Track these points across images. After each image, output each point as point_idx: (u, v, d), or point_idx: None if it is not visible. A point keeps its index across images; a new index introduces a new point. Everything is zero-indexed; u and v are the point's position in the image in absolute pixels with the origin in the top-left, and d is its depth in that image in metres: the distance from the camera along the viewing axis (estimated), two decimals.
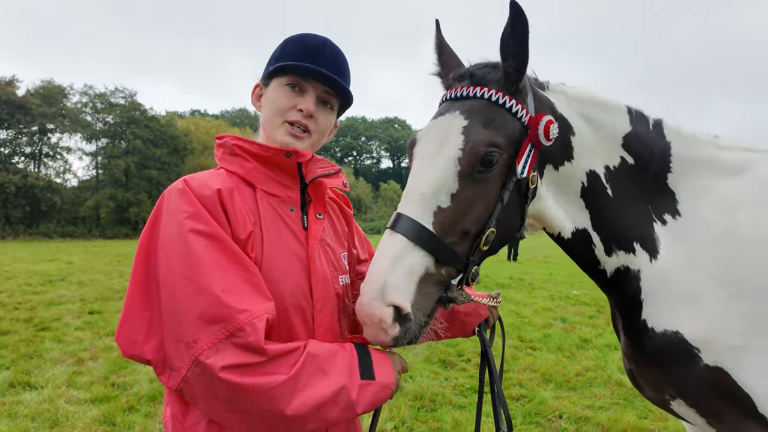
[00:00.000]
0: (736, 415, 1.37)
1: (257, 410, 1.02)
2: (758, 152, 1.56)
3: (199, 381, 1.01)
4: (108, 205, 39.74)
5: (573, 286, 11.51)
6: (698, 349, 1.39)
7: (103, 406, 4.11)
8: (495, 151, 1.25)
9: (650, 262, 1.52)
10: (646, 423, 3.89)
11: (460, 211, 1.25)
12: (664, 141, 1.58)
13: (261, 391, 1.00)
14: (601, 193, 1.53)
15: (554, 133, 1.34)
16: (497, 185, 1.30)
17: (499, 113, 1.30)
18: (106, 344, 6.00)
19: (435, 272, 1.22)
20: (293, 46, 1.32)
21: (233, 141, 1.29)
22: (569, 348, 6.22)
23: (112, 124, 43.53)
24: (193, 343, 1.00)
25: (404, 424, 3.86)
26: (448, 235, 1.23)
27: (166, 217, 1.13)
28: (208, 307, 1.02)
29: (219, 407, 1.03)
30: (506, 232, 1.36)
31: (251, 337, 1.01)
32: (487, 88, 1.32)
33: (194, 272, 1.04)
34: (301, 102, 1.30)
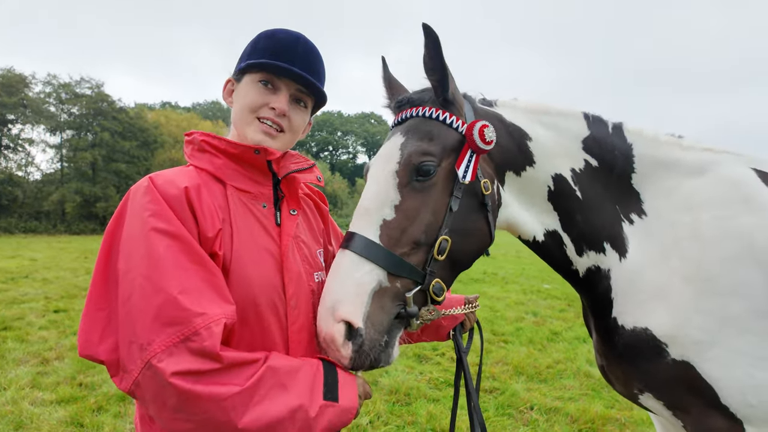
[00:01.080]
0: (701, 407, 1.44)
1: (208, 421, 0.97)
2: (719, 153, 1.63)
3: (150, 385, 0.97)
4: (74, 199, 38.30)
5: (544, 281, 11.78)
6: (666, 344, 1.45)
7: (70, 407, 3.99)
8: (429, 159, 1.32)
9: (620, 261, 1.57)
10: (613, 412, 4.03)
11: (406, 221, 1.28)
12: (625, 143, 1.63)
13: (213, 400, 0.96)
14: (570, 195, 1.57)
15: (490, 136, 1.37)
16: (442, 193, 1.33)
17: (433, 125, 1.38)
18: (72, 343, 5.82)
19: (389, 285, 1.23)
20: (266, 42, 1.30)
21: (201, 137, 1.27)
22: (540, 341, 6.37)
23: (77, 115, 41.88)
24: (146, 345, 0.97)
25: (379, 419, 3.89)
26: (397, 246, 1.26)
27: (130, 214, 1.10)
28: (163, 308, 0.98)
29: (168, 415, 0.98)
30: (470, 242, 1.38)
31: (207, 341, 0.97)
32: (420, 107, 1.41)
33: (153, 271, 1.01)
34: (273, 100, 1.28)
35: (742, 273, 1.40)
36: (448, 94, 1.40)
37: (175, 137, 45.83)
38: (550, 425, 3.84)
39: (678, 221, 1.53)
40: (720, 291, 1.41)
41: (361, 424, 3.77)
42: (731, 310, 1.39)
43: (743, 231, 1.44)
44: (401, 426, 3.80)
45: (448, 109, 1.40)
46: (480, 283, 11.86)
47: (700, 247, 1.46)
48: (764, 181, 1.54)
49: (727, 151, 1.64)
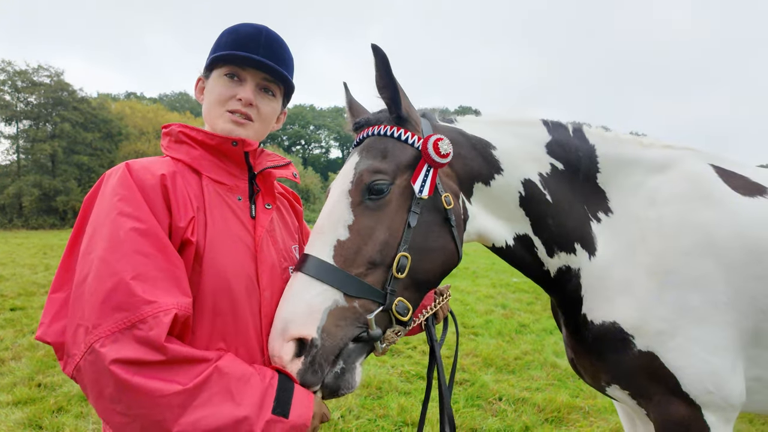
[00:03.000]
0: (663, 394, 1.50)
1: (142, 417, 0.93)
2: (678, 149, 1.69)
3: (89, 371, 0.94)
4: (32, 192, 36.54)
5: (513, 274, 12.02)
6: (632, 335, 1.50)
7: (28, 409, 3.83)
8: (380, 177, 1.31)
9: (589, 259, 1.62)
10: (578, 401, 4.16)
11: (361, 240, 1.26)
12: (587, 144, 1.68)
13: (150, 395, 0.92)
14: (540, 199, 1.60)
15: (446, 149, 1.36)
16: (399, 210, 1.32)
17: (387, 143, 1.38)
18: (30, 342, 5.58)
19: (347, 306, 1.20)
20: (228, 36, 1.32)
21: (179, 128, 1.28)
22: (509, 333, 6.51)
23: (35, 105, 39.95)
24: (92, 328, 0.95)
25: (351, 413, 3.89)
26: (352, 266, 1.23)
27: (100, 198, 1.11)
28: (114, 292, 0.96)
29: (105, 404, 0.95)
30: (433, 258, 1.34)
31: (153, 331, 0.94)
32: (376, 125, 1.43)
33: (110, 254, 0.99)
34: (240, 91, 1.30)
35: (700, 265, 1.46)
36: (401, 111, 1.40)
37: (141, 129, 44.39)
38: (518, 415, 3.93)
39: (643, 216, 1.58)
40: (680, 283, 1.47)
41: (333, 419, 3.77)
42: (691, 301, 1.45)
43: (702, 225, 1.50)
44: (373, 419, 3.82)
45: (402, 126, 1.41)
46: (451, 277, 12.01)
47: (663, 241, 1.52)
48: (722, 177, 1.61)
49: (687, 148, 1.70)
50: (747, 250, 1.46)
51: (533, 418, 3.87)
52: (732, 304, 1.45)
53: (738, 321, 1.46)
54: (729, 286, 1.45)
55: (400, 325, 1.28)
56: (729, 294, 1.45)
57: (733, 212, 1.51)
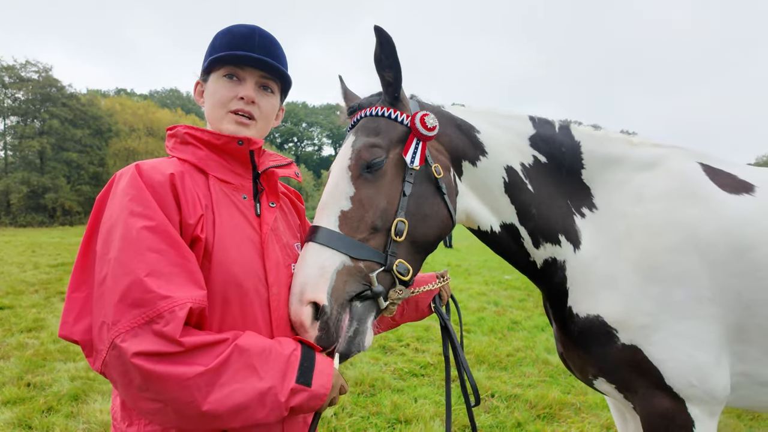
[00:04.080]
0: (648, 388, 1.52)
1: (173, 401, 0.99)
2: (667, 148, 1.72)
3: (116, 365, 1.00)
4: (20, 189, 36.06)
5: (505, 272, 12.08)
6: (616, 329, 1.53)
7: (17, 408, 3.79)
8: (376, 151, 1.44)
9: (574, 252, 1.65)
10: (569, 398, 4.20)
11: (362, 209, 1.39)
12: (572, 141, 1.72)
13: (175, 380, 0.97)
14: (522, 188, 1.65)
15: (431, 122, 1.49)
16: (394, 180, 1.44)
17: (380, 122, 1.50)
18: (19, 341, 5.52)
19: (352, 266, 1.32)
20: (223, 38, 1.34)
21: (185, 129, 1.31)
22: (501, 330, 6.55)
23: (23, 101, 39.42)
24: (112, 324, 0.99)
25: (344, 410, 3.90)
26: (356, 232, 1.36)
27: (111, 198, 1.13)
28: (130, 289, 1.01)
29: (135, 394, 1.01)
30: (428, 224, 1.47)
31: (169, 325, 0.99)
32: (369, 107, 1.55)
33: (124, 253, 1.03)
34: (240, 90, 1.32)
35: (684, 261, 1.48)
36: (399, 91, 1.51)
37: (131, 125, 43.96)
38: (510, 411, 3.96)
39: (629, 213, 1.61)
40: (664, 278, 1.49)
41: (326, 416, 3.77)
42: (674, 296, 1.48)
43: (687, 222, 1.52)
44: (366, 417, 3.82)
45: (395, 106, 1.52)
46: None
47: (648, 237, 1.54)
48: (709, 174, 1.63)
49: (676, 147, 1.73)
50: (731, 246, 1.48)
51: (525, 414, 3.89)
52: (716, 300, 1.47)
53: (722, 316, 1.48)
54: (713, 281, 1.47)
55: (402, 284, 1.40)
56: (713, 290, 1.47)
57: (719, 210, 1.53)
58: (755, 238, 1.48)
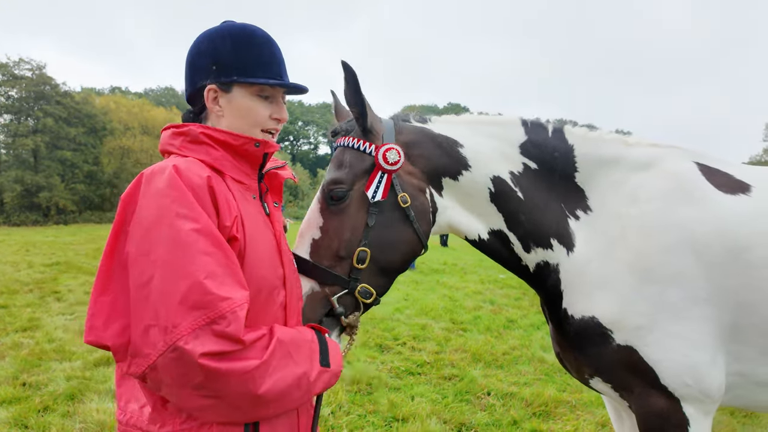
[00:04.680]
0: (643, 387, 1.53)
1: (230, 394, 1.04)
2: (663, 148, 1.71)
3: (172, 367, 1.00)
4: (13, 188, 35.77)
5: (501, 271, 12.12)
6: (611, 330, 1.53)
7: (13, 408, 3.78)
8: (338, 186, 1.52)
9: (567, 255, 1.65)
10: (565, 395, 4.23)
11: (329, 239, 1.51)
12: (566, 144, 1.71)
13: (237, 375, 1.03)
14: (511, 196, 1.66)
15: (393, 157, 1.54)
16: (358, 212, 1.52)
17: (349, 154, 1.58)
18: (14, 341, 5.49)
19: (320, 291, 1.46)
20: (247, 52, 1.31)
21: (200, 129, 1.26)
22: (497, 329, 6.58)
23: (16, 99, 39.09)
24: (172, 327, 1.00)
25: (341, 409, 3.91)
26: (324, 259, 1.49)
27: (146, 199, 1.09)
28: (190, 292, 1.02)
29: (188, 393, 1.03)
30: (393, 250, 1.54)
31: (232, 326, 1.03)
32: (343, 137, 1.63)
33: (177, 257, 1.03)
34: (275, 111, 1.35)
35: (680, 262, 1.49)
36: (367, 124, 1.57)
37: (126, 124, 43.67)
38: (506, 409, 3.98)
39: (624, 214, 1.60)
40: (659, 279, 1.50)
41: (323, 415, 3.78)
42: (669, 297, 1.48)
43: (683, 222, 1.52)
44: (363, 415, 3.83)
45: (365, 137, 1.58)
46: (440, 273, 12.08)
47: (643, 237, 1.54)
48: (705, 174, 1.63)
49: (672, 146, 1.72)
50: (727, 247, 1.48)
51: (521, 412, 3.92)
52: (711, 300, 1.48)
53: (718, 316, 1.49)
54: (709, 282, 1.48)
55: (366, 307, 1.52)
56: (708, 290, 1.48)
57: (715, 210, 1.53)
58: (751, 239, 1.49)
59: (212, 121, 1.35)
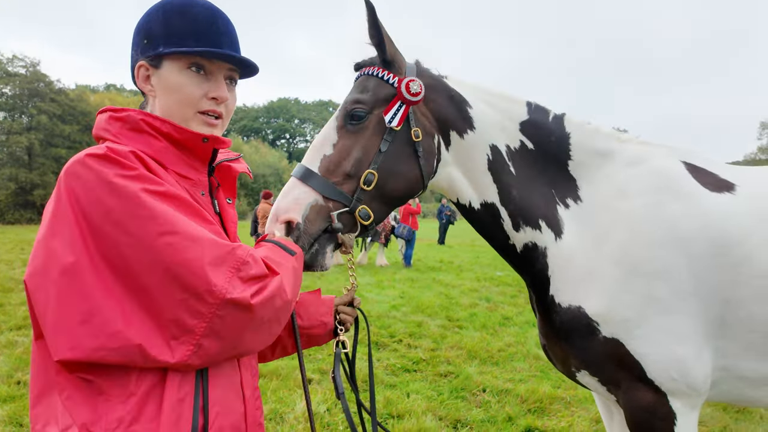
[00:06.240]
0: (630, 381, 1.55)
1: (276, 310, 1.11)
2: (653, 146, 1.75)
3: (231, 320, 1.03)
4: (8, 186, 35.55)
5: (497, 268, 12.16)
6: (597, 322, 1.55)
7: (7, 406, 3.77)
8: (359, 106, 1.58)
9: (555, 241, 1.67)
10: (559, 392, 4.25)
11: (340, 156, 1.55)
12: (563, 131, 1.74)
13: (275, 293, 1.10)
14: (503, 169, 1.70)
15: (415, 88, 1.60)
16: (373, 136, 1.58)
17: (371, 81, 1.64)
18: (9, 339, 5.48)
19: (324, 204, 1.49)
20: (179, 20, 1.16)
21: (140, 116, 1.13)
22: (493, 326, 6.60)
23: (10, 96, 38.79)
24: (211, 288, 0.99)
25: (337, 406, 3.92)
26: (331, 175, 1.52)
27: (95, 189, 0.97)
28: (211, 250, 1.02)
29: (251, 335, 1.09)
30: (398, 180, 1.59)
31: (254, 267, 1.07)
32: (365, 67, 1.68)
33: (172, 226, 0.99)
34: (212, 89, 1.19)
35: (666, 256, 1.52)
36: (386, 55, 1.62)
37: None
38: (502, 406, 4.00)
39: (613, 207, 1.63)
40: (646, 273, 1.52)
41: (319, 412, 3.79)
42: (656, 291, 1.50)
43: (669, 218, 1.55)
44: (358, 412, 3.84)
45: (386, 68, 1.64)
46: (436, 271, 12.09)
47: (631, 231, 1.57)
48: (692, 173, 1.66)
49: (662, 145, 1.76)
50: (713, 243, 1.51)
51: (516, 408, 3.94)
52: (698, 295, 1.50)
53: (704, 311, 1.51)
54: (694, 277, 1.50)
55: (363, 229, 1.55)
56: (695, 285, 1.50)
57: (701, 206, 1.56)
58: (736, 235, 1.51)
59: (150, 106, 1.22)
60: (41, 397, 1.04)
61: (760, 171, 1.74)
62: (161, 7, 1.19)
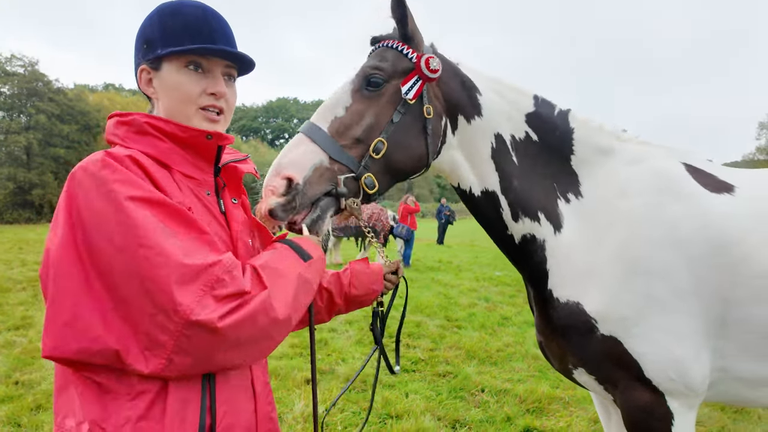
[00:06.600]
0: (628, 380, 1.55)
1: (261, 328, 1.06)
2: (653, 146, 1.76)
3: (197, 341, 0.99)
4: (6, 186, 35.45)
5: (496, 268, 12.17)
6: (596, 320, 1.56)
7: (6, 407, 3.76)
8: (378, 72, 1.57)
9: (554, 234, 1.68)
10: (558, 392, 4.25)
11: (351, 120, 1.53)
12: (567, 126, 1.75)
13: (257, 312, 1.04)
14: (506, 158, 1.70)
15: (435, 65, 1.60)
16: (387, 105, 1.57)
17: (390, 52, 1.63)
18: (7, 339, 5.47)
19: (329, 166, 1.45)
20: (173, 21, 1.21)
21: (145, 119, 1.18)
22: (491, 326, 6.61)
23: (9, 95, 38.71)
24: (176, 307, 0.96)
25: (335, 406, 3.92)
26: (341, 138, 1.50)
27: (88, 194, 1.01)
28: (178, 269, 0.98)
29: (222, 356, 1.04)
30: (405, 153, 1.59)
31: (231, 285, 1.03)
32: (385, 40, 1.67)
33: (149, 239, 0.98)
34: (210, 85, 1.23)
35: (665, 256, 1.52)
36: (407, 30, 1.62)
37: None
38: (500, 406, 4.00)
39: (614, 205, 1.64)
40: (646, 272, 1.53)
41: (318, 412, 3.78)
42: (655, 290, 1.51)
43: (669, 218, 1.56)
44: (357, 412, 3.85)
45: (407, 43, 1.64)
46: (435, 271, 12.10)
47: (631, 230, 1.58)
48: (691, 173, 1.68)
49: (662, 146, 1.77)
50: (712, 243, 1.52)
51: (515, 408, 3.94)
52: (696, 295, 1.51)
53: (702, 311, 1.52)
54: (693, 277, 1.51)
55: (365, 197, 1.53)
56: (693, 285, 1.51)
57: (700, 207, 1.57)
58: (735, 236, 1.52)
59: (156, 109, 1.26)
60: (61, 391, 1.09)
61: (759, 173, 1.76)
62: (157, 12, 1.24)
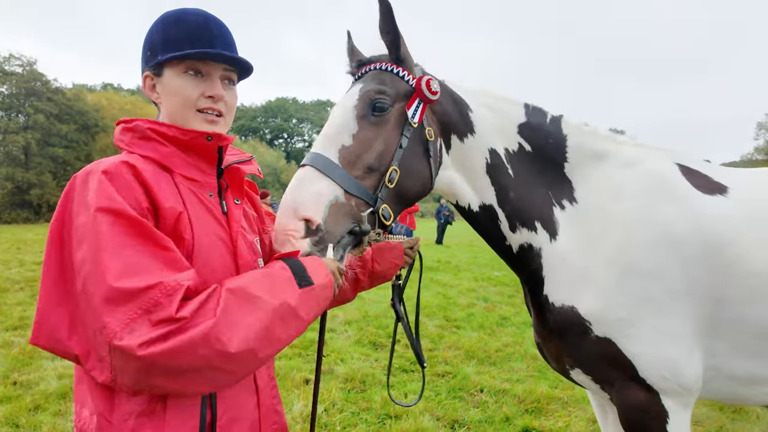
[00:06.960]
0: (623, 380, 1.57)
1: (202, 359, 0.97)
2: (648, 148, 1.77)
3: (125, 365, 0.94)
4: (4, 186, 35.37)
5: (495, 268, 12.17)
6: (590, 322, 1.57)
7: (4, 407, 3.76)
8: (383, 97, 1.52)
9: (550, 241, 1.69)
10: (557, 392, 4.26)
11: (361, 148, 1.45)
12: (560, 133, 1.76)
13: (195, 342, 0.96)
14: (502, 171, 1.71)
15: (435, 87, 1.58)
16: (394, 130, 1.53)
17: (387, 76, 1.59)
18: (5, 339, 5.46)
19: (345, 202, 1.37)
20: (176, 29, 1.25)
21: (147, 124, 1.22)
22: (490, 326, 6.61)
23: (7, 95, 38.64)
24: (102, 329, 0.93)
25: (335, 406, 3.92)
26: (353, 168, 1.42)
27: (77, 202, 1.06)
28: (112, 289, 0.95)
29: (160, 382, 0.98)
30: (413, 180, 1.56)
31: (167, 309, 0.96)
32: (377, 63, 1.63)
33: (97, 253, 0.98)
34: (208, 88, 1.26)
35: (659, 257, 1.53)
36: (400, 53, 1.60)
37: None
38: (499, 406, 4.01)
39: (608, 208, 1.65)
40: (640, 273, 1.54)
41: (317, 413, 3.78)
42: (649, 291, 1.52)
43: (663, 219, 1.57)
44: (356, 412, 3.85)
45: (401, 65, 1.61)
46: (434, 271, 12.09)
47: (625, 232, 1.59)
48: (685, 174, 1.69)
49: (657, 148, 1.78)
50: (705, 244, 1.53)
51: (513, 409, 3.95)
52: (690, 295, 1.52)
53: (695, 311, 1.53)
54: (687, 277, 1.52)
55: (382, 228, 1.49)
56: (687, 285, 1.52)
57: (694, 208, 1.58)
58: (728, 237, 1.54)
59: (161, 115, 1.30)
60: (79, 382, 1.16)
61: (752, 173, 1.76)
62: (161, 20, 1.29)
